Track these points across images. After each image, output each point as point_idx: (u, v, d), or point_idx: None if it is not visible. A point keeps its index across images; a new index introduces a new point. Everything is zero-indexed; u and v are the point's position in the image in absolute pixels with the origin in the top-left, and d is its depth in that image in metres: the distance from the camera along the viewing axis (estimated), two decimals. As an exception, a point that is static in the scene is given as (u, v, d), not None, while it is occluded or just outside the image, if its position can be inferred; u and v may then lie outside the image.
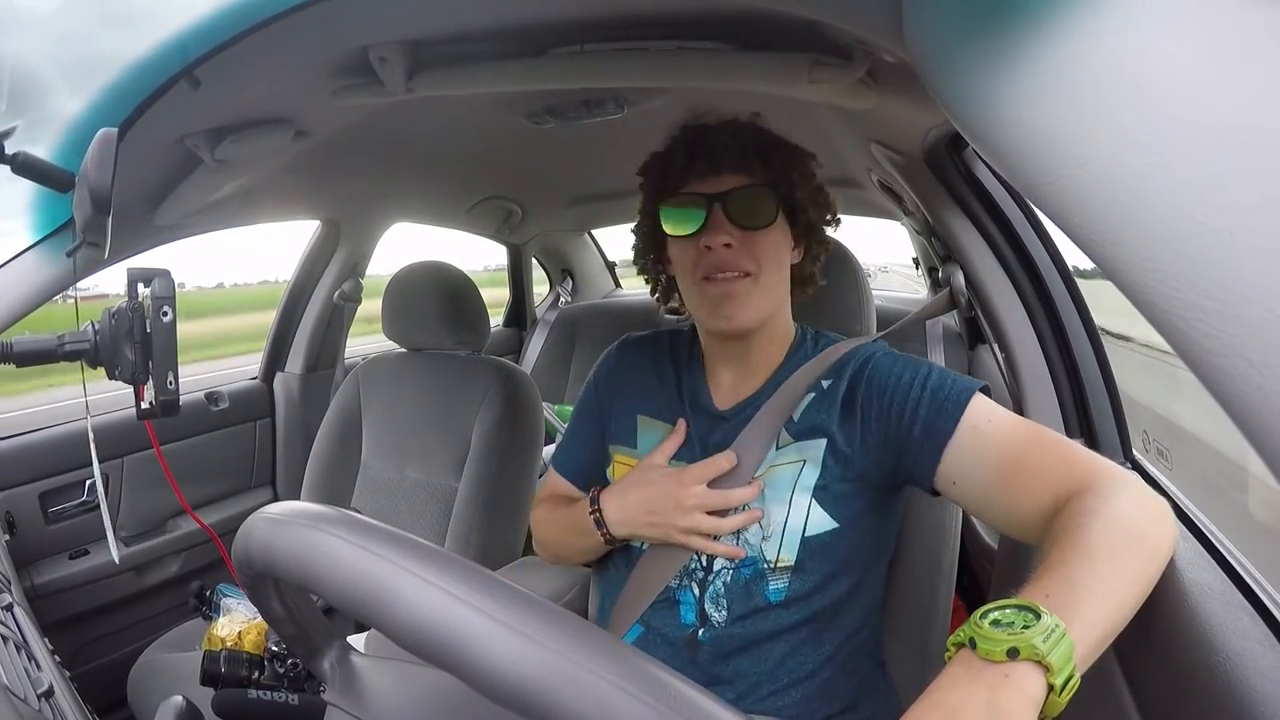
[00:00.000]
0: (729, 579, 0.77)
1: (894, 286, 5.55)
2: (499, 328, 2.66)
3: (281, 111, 0.97)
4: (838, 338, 0.84)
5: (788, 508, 0.75)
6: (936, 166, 1.01)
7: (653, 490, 0.79)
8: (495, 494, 1.36)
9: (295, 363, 1.89)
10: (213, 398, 1.75)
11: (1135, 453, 0.98)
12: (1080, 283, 1.01)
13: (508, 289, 2.67)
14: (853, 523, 0.75)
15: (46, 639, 0.79)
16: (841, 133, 1.30)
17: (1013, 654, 0.42)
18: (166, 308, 0.74)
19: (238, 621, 1.11)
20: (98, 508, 1.47)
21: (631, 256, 0.93)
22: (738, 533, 0.77)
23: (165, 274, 0.75)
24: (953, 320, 2.12)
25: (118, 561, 0.99)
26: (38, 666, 0.69)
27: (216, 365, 2.34)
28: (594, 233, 2.83)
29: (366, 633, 0.82)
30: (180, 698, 0.56)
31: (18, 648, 0.69)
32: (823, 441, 0.76)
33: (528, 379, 1.44)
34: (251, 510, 0.45)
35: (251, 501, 1.82)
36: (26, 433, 1.43)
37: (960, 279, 1.12)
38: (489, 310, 1.52)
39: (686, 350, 0.90)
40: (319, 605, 0.53)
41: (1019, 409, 1.06)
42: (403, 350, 1.52)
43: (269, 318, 1.93)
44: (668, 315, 0.95)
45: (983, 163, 0.99)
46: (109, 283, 1.20)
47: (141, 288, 0.75)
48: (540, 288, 2.78)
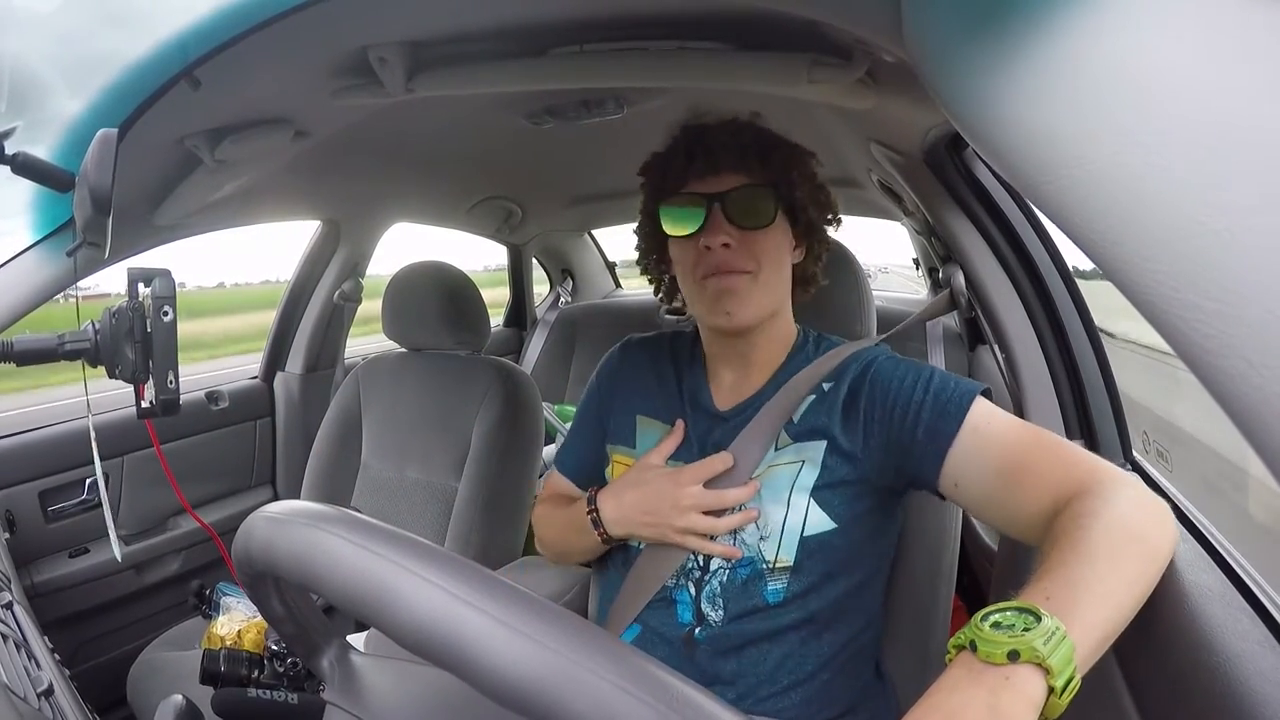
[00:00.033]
0: (725, 579, 0.77)
1: (894, 287, 5.54)
2: (499, 328, 2.66)
3: (281, 112, 0.97)
4: (839, 341, 0.84)
5: (786, 508, 0.75)
6: (936, 166, 1.01)
7: (649, 490, 0.79)
8: (495, 494, 1.36)
9: (295, 362, 1.90)
10: (213, 397, 1.75)
11: (1135, 454, 0.98)
12: (1080, 283, 1.01)
13: (508, 289, 2.67)
14: (852, 524, 0.75)
15: (46, 637, 0.79)
16: (841, 133, 1.30)
17: (1013, 656, 0.42)
18: (167, 307, 0.74)
19: (237, 620, 1.11)
20: (97, 506, 1.47)
21: (631, 256, 0.93)
22: (735, 533, 0.76)
23: (166, 273, 0.75)
24: (953, 321, 2.12)
25: (120, 559, 0.99)
26: (37, 665, 0.69)
27: (216, 365, 2.34)
28: (594, 233, 2.83)
29: (366, 632, 0.82)
30: (180, 696, 0.56)
31: (17, 646, 0.69)
32: (822, 443, 0.76)
33: (528, 379, 1.44)
34: (251, 509, 0.45)
35: (251, 501, 1.82)
36: (26, 431, 1.43)
37: (960, 279, 1.11)
38: (489, 310, 1.52)
39: (688, 351, 0.90)
40: (319, 604, 0.53)
41: (1019, 409, 1.06)
42: (403, 350, 1.53)
43: (270, 317, 1.94)
44: (668, 315, 0.95)
45: (983, 163, 0.99)
46: (110, 282, 1.20)
47: (142, 287, 0.75)
48: (540, 288, 2.78)
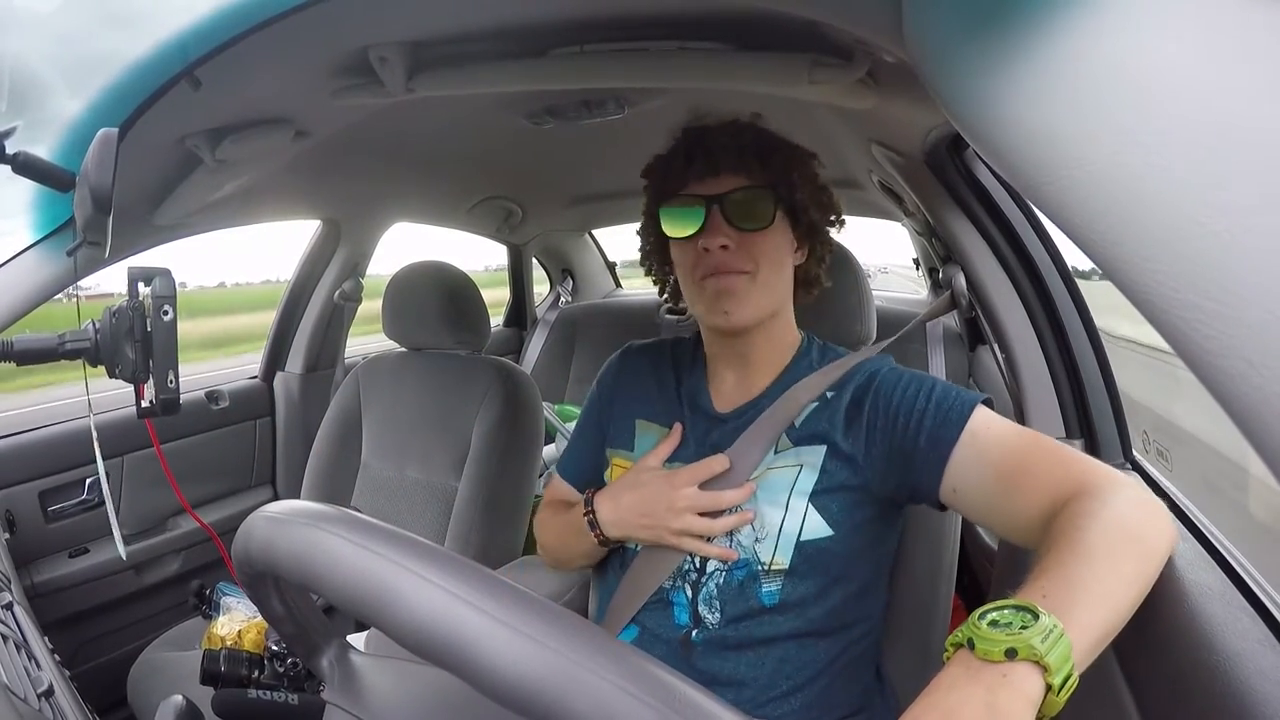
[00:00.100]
0: (721, 581, 0.77)
1: (894, 287, 5.54)
2: (499, 328, 2.66)
3: (281, 111, 0.97)
4: (843, 351, 0.84)
5: (784, 511, 0.75)
6: (937, 167, 1.01)
7: (645, 492, 0.79)
8: (495, 494, 1.36)
9: (295, 362, 1.90)
10: (213, 397, 1.75)
11: (1135, 453, 0.98)
12: (1080, 283, 1.01)
13: (508, 289, 2.67)
14: (851, 532, 0.75)
15: (46, 638, 0.79)
16: (842, 133, 1.30)
17: (1011, 654, 0.42)
18: (167, 307, 0.74)
19: (237, 620, 1.11)
20: (97, 506, 1.47)
21: (631, 256, 0.94)
22: (731, 535, 0.76)
23: (166, 273, 0.75)
24: (953, 321, 2.12)
25: (124, 558, 0.99)
26: (37, 665, 0.69)
27: (217, 365, 2.34)
28: (594, 233, 2.83)
29: (366, 632, 0.82)
30: (180, 697, 0.56)
31: (17, 647, 0.69)
32: (822, 448, 0.76)
33: (528, 379, 1.44)
34: (251, 509, 0.44)
35: (251, 500, 1.82)
36: (26, 431, 1.43)
37: (961, 280, 1.11)
38: (489, 310, 1.52)
39: (689, 354, 0.90)
40: (319, 604, 0.53)
41: (1019, 409, 1.06)
42: (403, 350, 1.53)
43: (270, 318, 1.94)
44: (668, 315, 0.95)
45: (983, 163, 0.99)
46: (111, 282, 1.20)
47: (142, 287, 0.75)
48: (540, 288, 2.78)
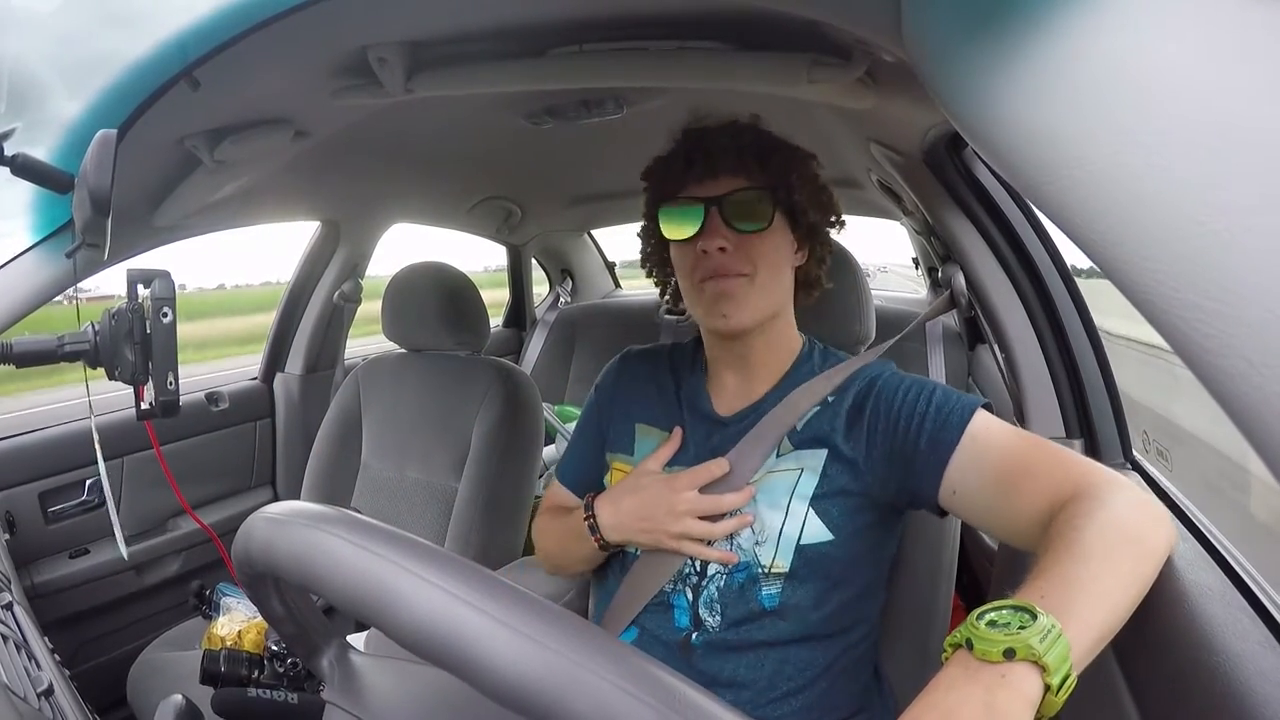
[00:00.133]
0: (722, 584, 0.76)
1: (893, 286, 5.54)
2: (499, 328, 2.66)
3: (281, 112, 0.97)
4: (844, 356, 0.84)
5: (784, 514, 0.75)
6: (936, 166, 1.01)
7: (645, 496, 0.79)
8: (495, 494, 1.36)
9: (295, 363, 1.89)
10: (213, 398, 1.75)
11: (1135, 453, 0.98)
12: (1080, 283, 1.01)
13: (508, 289, 2.67)
14: (851, 537, 0.75)
15: (46, 638, 0.79)
16: (841, 133, 1.30)
17: (1009, 654, 0.42)
18: (166, 309, 0.74)
19: (237, 621, 1.11)
20: (97, 507, 1.47)
21: (631, 257, 0.94)
22: (731, 538, 0.76)
23: (165, 275, 0.75)
24: (953, 320, 2.12)
25: (125, 557, 0.99)
26: (37, 665, 0.69)
27: (216, 365, 2.34)
28: (594, 233, 2.83)
29: (366, 632, 0.82)
30: (180, 696, 0.56)
31: (18, 647, 0.69)
32: (823, 451, 0.76)
33: (528, 379, 1.44)
34: (251, 510, 0.44)
35: (251, 501, 1.82)
36: (26, 433, 1.43)
37: (960, 279, 1.11)
38: (489, 311, 1.52)
39: (689, 358, 0.90)
40: (319, 604, 0.53)
41: (1019, 409, 1.06)
42: (403, 351, 1.53)
43: (270, 319, 1.94)
44: (667, 316, 0.95)
45: (982, 163, 0.99)
46: (111, 284, 1.20)
47: (141, 289, 0.75)
48: (540, 288, 2.78)
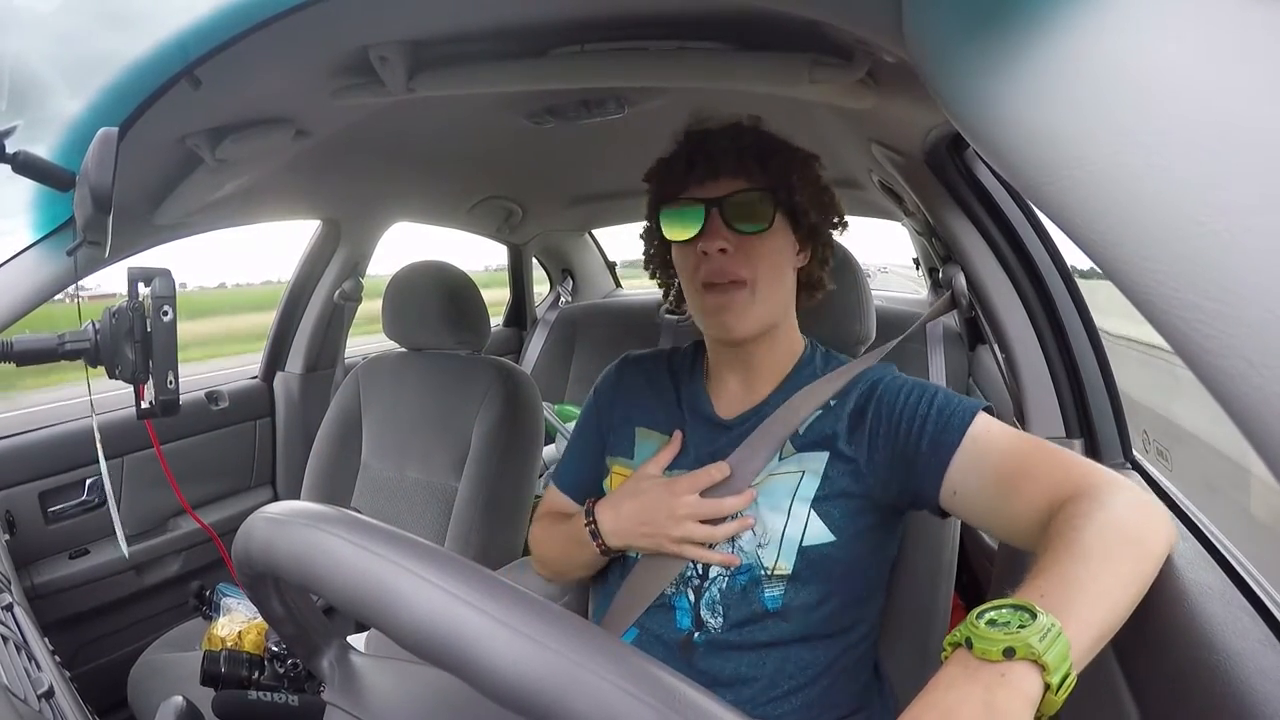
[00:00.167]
0: (724, 586, 0.76)
1: (893, 286, 5.54)
2: (499, 328, 2.66)
3: (282, 111, 0.97)
4: (845, 359, 0.84)
5: (786, 516, 0.75)
6: (937, 167, 1.01)
7: (645, 500, 0.79)
8: (495, 494, 1.36)
9: (295, 362, 1.89)
10: (213, 397, 1.75)
11: (1135, 453, 0.98)
12: (1080, 283, 1.01)
13: (508, 289, 2.67)
14: (853, 539, 0.75)
15: (46, 639, 0.79)
16: (842, 133, 1.30)
17: (1009, 653, 0.42)
18: (167, 307, 0.74)
19: (238, 621, 1.12)
20: (97, 507, 1.47)
21: (631, 256, 0.94)
22: (732, 540, 0.76)
23: (166, 273, 0.75)
24: (953, 320, 2.12)
25: (127, 555, 0.99)
26: (38, 666, 0.69)
27: (216, 365, 2.34)
28: (594, 233, 2.83)
29: (366, 632, 0.82)
30: (180, 698, 0.56)
31: (18, 648, 0.69)
32: (825, 454, 0.76)
33: (528, 379, 1.44)
34: (251, 510, 0.44)
35: (251, 501, 1.82)
36: (26, 432, 1.43)
37: (961, 280, 1.11)
38: (489, 310, 1.52)
39: (688, 362, 0.90)
40: (319, 605, 0.53)
41: (1019, 409, 1.06)
42: (403, 350, 1.53)
43: (270, 318, 1.94)
44: (667, 316, 0.95)
45: (983, 163, 0.99)
46: (113, 282, 1.20)
47: (142, 287, 0.75)
48: (540, 288, 2.78)
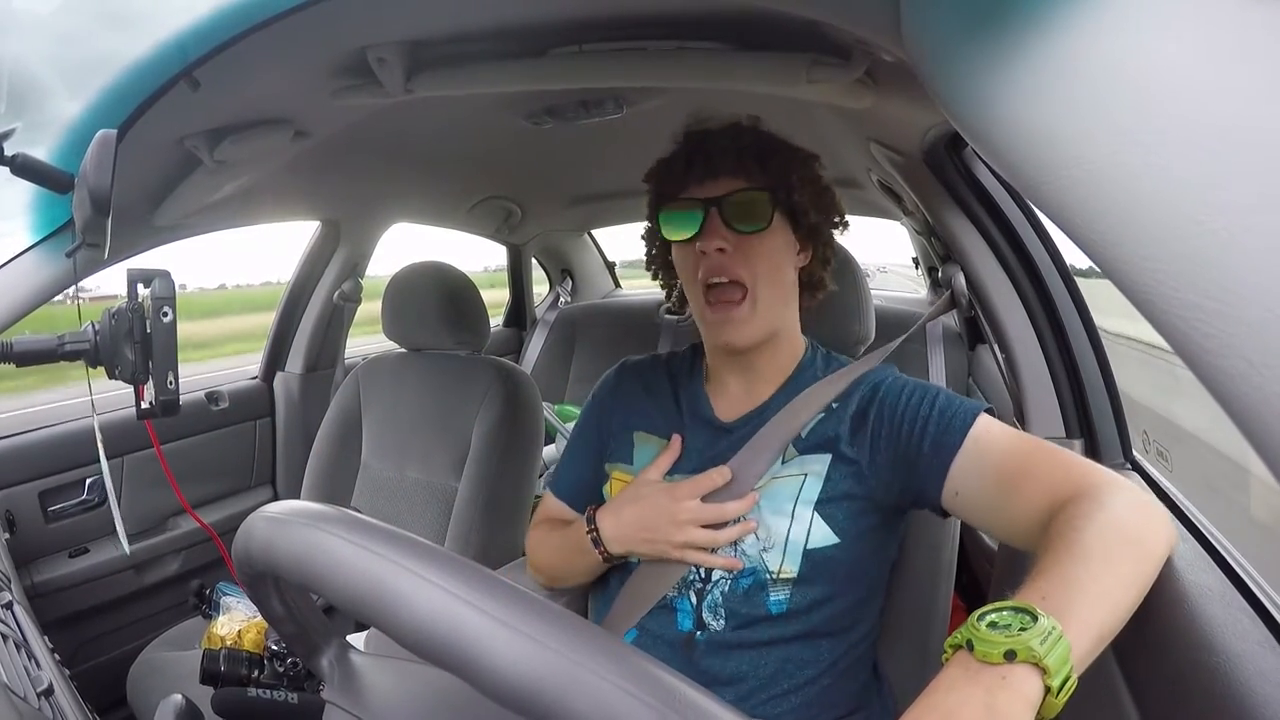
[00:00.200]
0: (726, 589, 0.76)
1: (893, 286, 5.53)
2: (499, 328, 2.66)
3: (281, 112, 0.97)
4: (846, 360, 0.84)
5: (790, 520, 0.75)
6: (936, 166, 1.01)
7: (646, 506, 0.78)
8: (495, 494, 1.36)
9: (295, 362, 1.90)
10: (213, 397, 1.75)
11: (1135, 454, 0.97)
12: (1080, 283, 1.01)
13: (508, 289, 2.67)
14: (856, 540, 0.75)
15: (46, 637, 0.79)
16: (841, 133, 1.30)
17: (1010, 656, 0.42)
18: (166, 308, 0.74)
19: (237, 620, 1.11)
20: (97, 506, 1.47)
21: (630, 257, 0.94)
22: (735, 544, 0.76)
23: (165, 274, 0.75)
24: (953, 320, 2.12)
25: (128, 551, 0.99)
26: (37, 665, 0.69)
27: (216, 365, 2.34)
28: (594, 233, 2.83)
29: (366, 631, 0.82)
30: (180, 696, 0.56)
31: (17, 646, 0.69)
32: (827, 456, 0.76)
33: (528, 379, 1.44)
34: (251, 509, 0.45)
35: (251, 501, 1.82)
36: (26, 432, 1.43)
37: (961, 280, 1.11)
38: (489, 310, 1.52)
39: (687, 365, 0.90)
40: (319, 604, 0.53)
41: (1019, 409, 1.06)
42: (403, 350, 1.53)
43: (270, 319, 1.94)
44: (667, 315, 0.95)
45: (982, 162, 0.99)
46: (114, 283, 1.20)
47: (141, 288, 0.75)
48: (540, 288, 2.78)
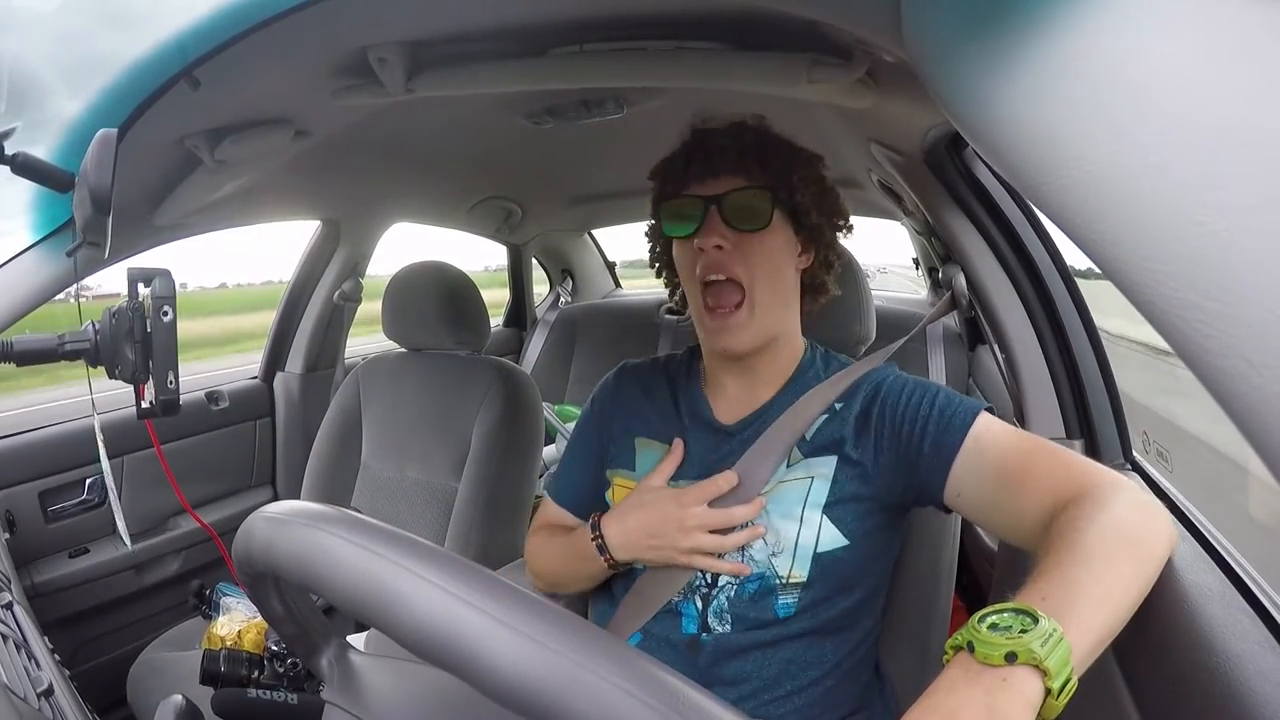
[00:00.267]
0: (732, 593, 0.76)
1: (893, 286, 5.53)
2: (499, 328, 2.66)
3: (281, 112, 0.97)
4: (847, 361, 0.84)
5: (799, 524, 0.74)
6: (936, 166, 1.01)
7: (652, 512, 0.77)
8: (495, 494, 1.36)
9: (295, 362, 1.90)
10: (213, 397, 1.75)
11: (1135, 454, 0.97)
12: (1080, 283, 1.01)
13: (508, 289, 2.67)
14: (863, 540, 0.75)
15: (46, 637, 0.79)
16: (841, 133, 1.30)
17: (1010, 658, 0.42)
18: (167, 307, 0.74)
19: (237, 620, 1.12)
20: (97, 506, 1.47)
21: (631, 256, 0.94)
22: (742, 549, 0.76)
23: (165, 274, 0.76)
24: (953, 320, 2.12)
25: (130, 547, 0.99)
26: (37, 665, 0.69)
27: (216, 364, 2.34)
28: (594, 233, 2.83)
29: (366, 632, 0.82)
30: (180, 696, 0.56)
31: (17, 646, 0.69)
32: (833, 459, 0.76)
33: (528, 379, 1.44)
34: (251, 509, 0.44)
35: (251, 501, 1.82)
36: (26, 431, 1.43)
37: (961, 280, 1.11)
38: (489, 310, 1.52)
39: (685, 367, 0.89)
40: (319, 604, 0.53)
41: (1019, 409, 1.06)
42: (403, 350, 1.53)
43: (270, 318, 1.94)
44: (667, 315, 0.94)
45: (982, 162, 0.99)
46: (114, 283, 1.20)
47: (142, 287, 0.75)
48: (540, 288, 2.78)
